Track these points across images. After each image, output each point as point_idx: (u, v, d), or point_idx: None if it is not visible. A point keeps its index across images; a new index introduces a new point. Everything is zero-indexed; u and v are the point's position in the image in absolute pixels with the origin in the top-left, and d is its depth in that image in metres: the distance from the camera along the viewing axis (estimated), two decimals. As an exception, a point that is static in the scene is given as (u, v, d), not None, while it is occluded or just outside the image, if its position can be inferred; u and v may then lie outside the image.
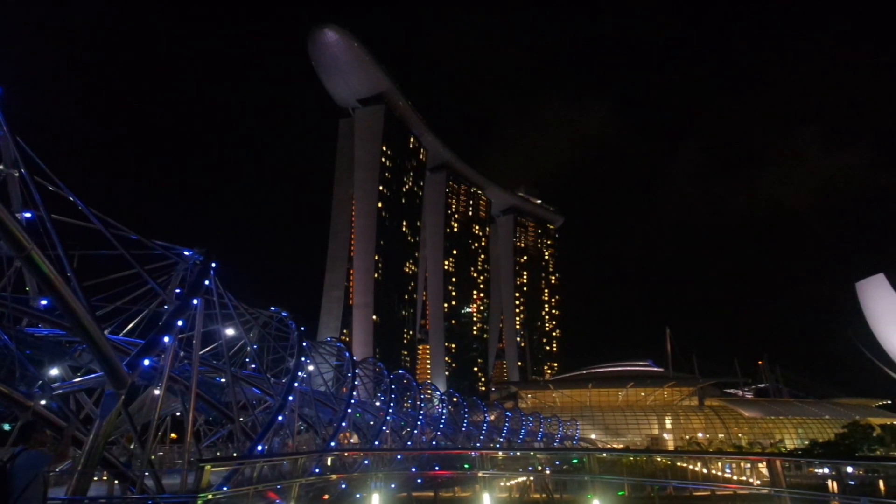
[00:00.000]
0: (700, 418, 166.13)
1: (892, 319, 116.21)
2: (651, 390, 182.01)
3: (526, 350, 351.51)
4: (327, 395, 51.22)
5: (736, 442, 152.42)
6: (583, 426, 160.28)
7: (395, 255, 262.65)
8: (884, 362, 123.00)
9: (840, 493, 51.34)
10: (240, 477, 21.22)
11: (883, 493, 67.59)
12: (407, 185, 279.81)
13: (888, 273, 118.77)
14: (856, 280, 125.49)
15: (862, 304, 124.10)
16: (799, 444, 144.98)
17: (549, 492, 64.27)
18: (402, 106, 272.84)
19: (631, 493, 55.82)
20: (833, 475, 76.41)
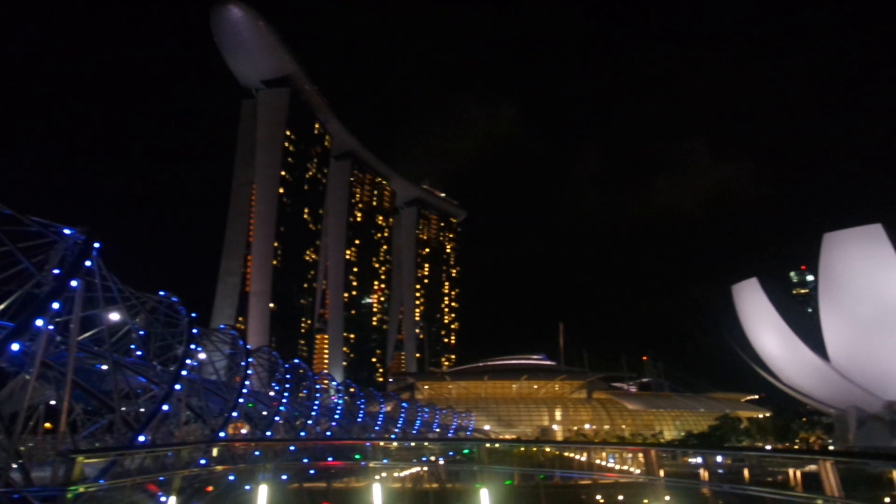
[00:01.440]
0: (588, 410, 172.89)
1: (762, 321, 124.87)
2: (543, 383, 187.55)
3: (424, 342, 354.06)
4: (218, 385, 49.71)
5: (620, 433, 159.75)
6: (477, 417, 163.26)
7: (296, 242, 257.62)
8: (754, 361, 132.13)
9: (708, 480, 54.96)
10: (119, 469, 20.28)
11: (747, 480, 72.86)
12: (310, 172, 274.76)
13: (761, 278, 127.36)
14: (732, 283, 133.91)
15: (736, 306, 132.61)
16: (676, 436, 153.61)
17: (441, 481, 65.03)
18: (309, 90, 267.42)
19: (520, 482, 57.41)
20: (705, 464, 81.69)
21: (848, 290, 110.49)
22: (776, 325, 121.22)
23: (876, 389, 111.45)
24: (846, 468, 40.69)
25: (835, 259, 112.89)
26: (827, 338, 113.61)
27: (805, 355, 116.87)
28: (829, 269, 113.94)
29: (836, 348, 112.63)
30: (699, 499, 20.88)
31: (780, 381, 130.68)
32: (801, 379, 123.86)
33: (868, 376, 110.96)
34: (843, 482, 11.21)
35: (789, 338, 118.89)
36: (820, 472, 11.04)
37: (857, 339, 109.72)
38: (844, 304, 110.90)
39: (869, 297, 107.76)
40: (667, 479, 20.60)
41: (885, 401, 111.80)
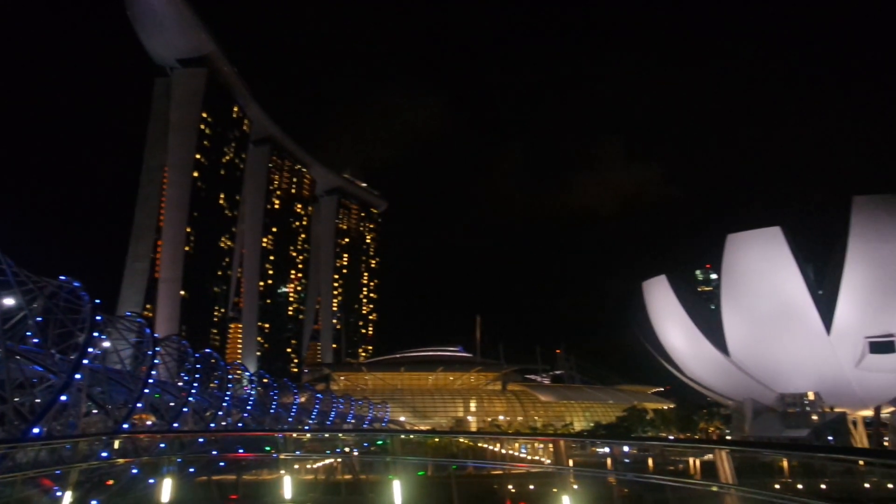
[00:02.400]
0: (502, 402, 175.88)
1: (669, 317, 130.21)
2: (459, 375, 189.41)
3: (342, 332, 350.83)
4: (123, 374, 47.66)
5: (532, 424, 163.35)
6: (393, 408, 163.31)
7: (210, 228, 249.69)
8: (660, 354, 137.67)
9: (613, 469, 56.64)
10: (10, 463, 19.12)
11: (651, 469, 75.97)
12: (227, 156, 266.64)
13: (669, 275, 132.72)
14: (643, 280, 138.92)
15: (646, 301, 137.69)
16: (586, 426, 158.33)
17: (355, 473, 64.74)
18: (227, 72, 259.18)
19: (433, 473, 57.70)
20: (612, 454, 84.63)
21: (748, 289, 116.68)
22: (682, 321, 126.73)
23: (770, 382, 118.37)
24: (741, 457, 42.93)
25: (737, 259, 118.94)
26: (727, 333, 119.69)
27: (707, 350, 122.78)
28: (731, 269, 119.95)
29: (736, 343, 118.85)
30: (605, 487, 21.58)
31: (683, 374, 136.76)
32: (703, 372, 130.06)
33: (763, 370, 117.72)
34: (738, 470, 11.78)
35: (693, 333, 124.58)
36: (716, 460, 11.63)
37: (754, 335, 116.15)
38: (744, 301, 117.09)
39: (767, 295, 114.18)
40: (576, 468, 21.10)
41: (777, 393, 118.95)
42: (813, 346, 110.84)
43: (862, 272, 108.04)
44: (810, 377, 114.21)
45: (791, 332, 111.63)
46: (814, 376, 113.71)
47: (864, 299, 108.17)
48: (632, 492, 51.95)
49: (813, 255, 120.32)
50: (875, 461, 14.59)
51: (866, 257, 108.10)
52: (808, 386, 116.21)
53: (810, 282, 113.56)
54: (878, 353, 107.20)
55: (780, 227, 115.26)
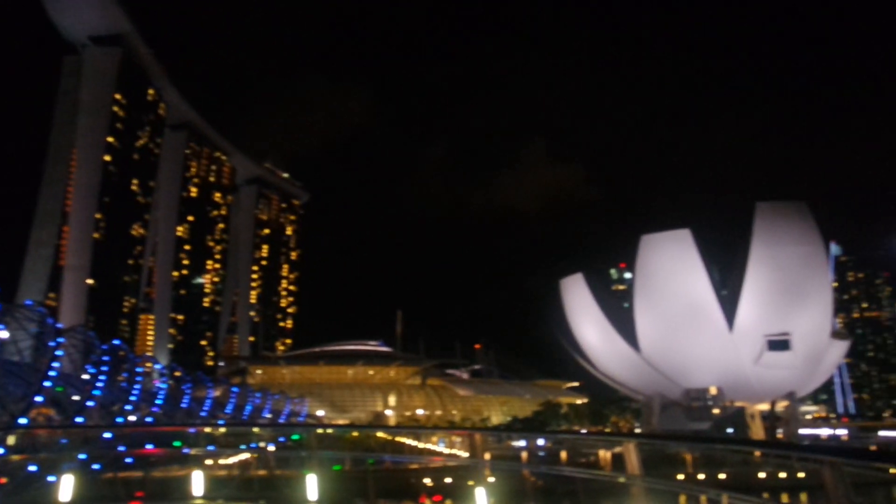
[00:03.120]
0: (421, 396, 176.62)
1: (585, 314, 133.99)
2: (379, 369, 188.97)
3: (259, 325, 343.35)
4: (21, 367, 45.21)
5: (451, 418, 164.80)
6: (311, 403, 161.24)
7: (122, 214, 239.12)
8: (575, 350, 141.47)
9: (528, 462, 57.99)
10: None
11: (563, 461, 78.17)
12: (142, 141, 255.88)
13: (585, 273, 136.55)
14: (560, 278, 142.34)
15: (563, 299, 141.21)
16: (503, 420, 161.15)
17: (270, 468, 63.74)
18: (144, 53, 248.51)
19: (351, 467, 57.47)
20: (527, 447, 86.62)
21: (659, 288, 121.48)
22: (596, 318, 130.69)
23: (677, 378, 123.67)
24: (650, 449, 44.82)
25: (649, 259, 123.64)
26: (639, 331, 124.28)
27: (620, 346, 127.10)
28: (644, 268, 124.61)
29: (646, 340, 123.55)
30: (520, 479, 22.14)
31: (597, 370, 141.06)
32: (615, 368, 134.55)
33: (671, 366, 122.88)
34: (646, 462, 12.31)
35: (607, 330, 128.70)
36: (624, 452, 12.13)
37: (663, 332, 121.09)
38: (655, 300, 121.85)
39: (675, 294, 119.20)
40: (492, 461, 21.44)
41: (683, 388, 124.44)
42: (716, 344, 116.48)
43: (763, 274, 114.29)
44: (713, 373, 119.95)
45: (697, 329, 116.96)
46: (716, 372, 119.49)
47: (763, 300, 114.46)
48: (545, 483, 53.41)
49: (719, 256, 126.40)
50: (769, 452, 15.49)
51: (767, 260, 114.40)
52: (711, 381, 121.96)
53: (716, 282, 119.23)
54: (775, 350, 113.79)
55: (690, 230, 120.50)
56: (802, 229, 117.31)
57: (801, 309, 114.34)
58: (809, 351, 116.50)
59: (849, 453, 7.97)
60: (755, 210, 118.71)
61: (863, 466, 7.95)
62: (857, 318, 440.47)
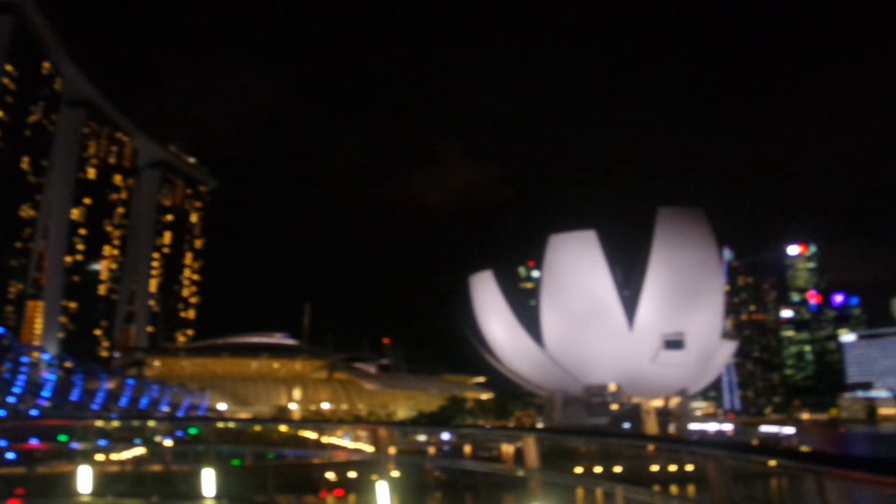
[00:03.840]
0: (328, 390, 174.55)
1: (493, 310, 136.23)
2: (284, 362, 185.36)
3: (159, 315, 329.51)
4: None
5: (357, 413, 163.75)
6: (213, 396, 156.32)
7: (9, 194, 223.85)
8: (482, 346, 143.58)
9: (434, 456, 58.43)
10: None
11: (467, 454, 79.31)
12: (35, 117, 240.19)
13: (495, 271, 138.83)
14: (470, 274, 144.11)
15: (472, 295, 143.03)
16: (409, 415, 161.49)
17: (166, 463, 61.46)
18: (39, 23, 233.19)
19: (252, 462, 56.13)
20: (432, 441, 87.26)
21: (564, 287, 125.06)
22: (504, 315, 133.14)
23: (579, 374, 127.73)
24: (550, 443, 45.85)
25: (556, 258, 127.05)
26: (544, 328, 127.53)
27: (525, 343, 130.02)
28: (552, 267, 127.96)
29: (551, 338, 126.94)
30: (424, 473, 22.31)
31: (502, 366, 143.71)
32: (520, 364, 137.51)
33: (573, 363, 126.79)
34: (546, 456, 12.66)
35: (514, 327, 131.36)
36: (524, 447, 12.45)
37: (567, 330, 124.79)
38: (561, 298, 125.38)
39: (581, 294, 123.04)
40: (396, 456, 21.46)
41: (584, 385, 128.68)
42: (617, 342, 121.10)
43: (662, 276, 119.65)
44: (613, 370, 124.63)
45: (599, 328, 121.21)
46: (616, 369, 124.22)
47: (662, 301, 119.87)
48: (449, 477, 53.96)
49: (622, 258, 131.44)
50: (661, 446, 16.28)
51: (666, 263, 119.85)
52: (610, 378, 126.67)
53: (618, 283, 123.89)
54: (671, 349, 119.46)
55: (595, 231, 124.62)
56: (700, 235, 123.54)
57: (695, 310, 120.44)
58: (702, 350, 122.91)
59: (729, 447, 8.50)
60: (657, 214, 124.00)
61: (742, 459, 8.51)
62: (745, 320, 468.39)
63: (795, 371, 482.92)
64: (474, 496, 17.68)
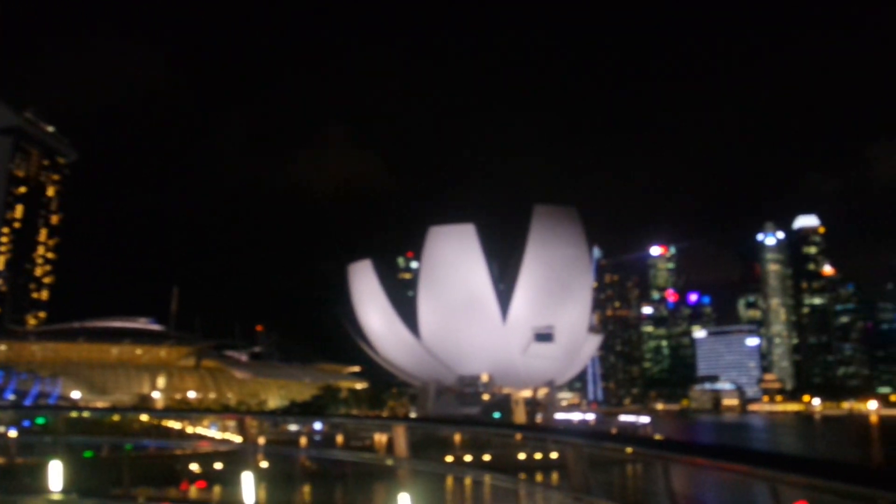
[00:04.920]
0: (195, 378, 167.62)
1: (370, 300, 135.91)
2: (148, 348, 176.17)
3: (7, 295, 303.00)
4: None
5: (226, 402, 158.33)
6: (66, 383, 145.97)
7: None
8: (358, 335, 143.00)
9: (306, 446, 57.66)
10: None
11: (339, 444, 78.86)
12: None
13: (374, 260, 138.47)
14: (349, 263, 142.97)
15: (351, 284, 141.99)
16: (281, 404, 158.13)
17: (10, 456, 56.93)
18: None
19: (108, 453, 52.98)
20: (304, 431, 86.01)
21: (442, 279, 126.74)
22: (381, 305, 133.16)
23: (453, 365, 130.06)
24: (423, 433, 46.16)
25: (435, 250, 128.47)
26: (421, 319, 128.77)
27: (402, 333, 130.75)
28: (430, 259, 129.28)
29: (427, 328, 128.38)
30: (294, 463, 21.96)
31: (378, 355, 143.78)
32: (395, 354, 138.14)
33: (448, 353, 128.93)
34: (418, 445, 12.77)
35: (391, 317, 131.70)
36: (394, 436, 12.51)
37: (443, 321, 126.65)
38: (438, 290, 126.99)
39: (457, 285, 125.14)
40: (266, 446, 20.95)
41: (458, 375, 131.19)
42: (491, 334, 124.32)
43: (535, 271, 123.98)
44: (486, 361, 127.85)
45: (474, 320, 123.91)
46: (489, 360, 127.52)
47: (534, 295, 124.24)
48: (320, 467, 53.37)
49: (499, 252, 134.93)
50: (529, 435, 16.90)
51: (540, 259, 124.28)
52: (483, 369, 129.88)
53: (494, 276, 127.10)
54: (541, 342, 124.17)
55: (474, 225, 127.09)
56: (572, 233, 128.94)
57: (565, 305, 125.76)
58: (570, 343, 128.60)
59: (587, 436, 8.95)
60: (533, 211, 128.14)
61: (598, 447, 9.00)
62: (610, 315, 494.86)
63: (653, 364, 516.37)
64: (344, 486, 17.54)
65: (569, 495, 7.84)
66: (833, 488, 4.78)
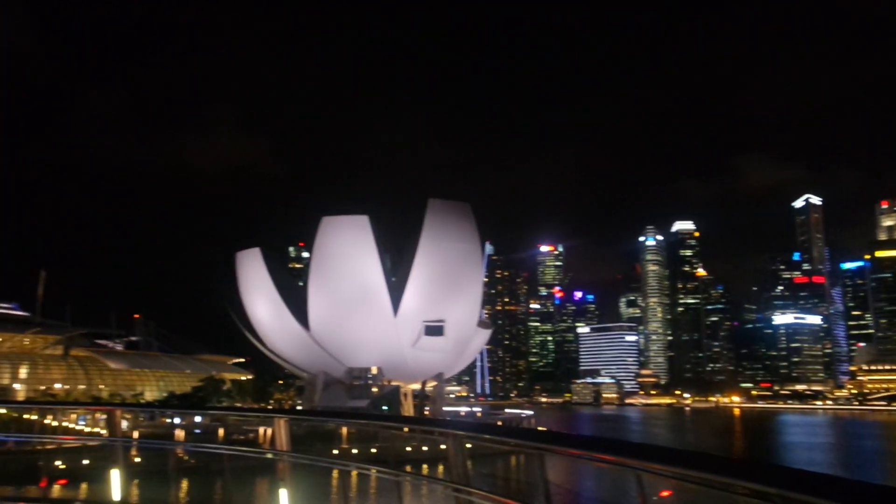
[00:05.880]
0: (62, 368, 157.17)
1: (258, 289, 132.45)
2: (10, 336, 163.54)
3: None
4: None
5: (97, 394, 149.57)
6: None
7: None
8: (245, 326, 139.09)
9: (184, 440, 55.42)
10: None
11: (220, 438, 76.37)
12: None
13: (263, 248, 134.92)
14: (237, 250, 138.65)
15: (238, 272, 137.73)
16: (159, 396, 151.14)
17: None
18: None
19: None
20: (183, 424, 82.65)
21: (334, 270, 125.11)
22: (270, 295, 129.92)
23: (342, 357, 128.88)
24: (309, 425, 45.79)
25: (328, 240, 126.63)
26: (311, 310, 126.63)
27: (290, 324, 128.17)
28: (322, 249, 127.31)
29: (317, 320, 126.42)
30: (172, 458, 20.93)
31: (265, 347, 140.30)
32: (283, 345, 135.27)
33: (338, 346, 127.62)
34: (305, 437, 12.51)
35: (279, 307, 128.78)
36: (275, 429, 12.18)
37: (334, 312, 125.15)
38: (329, 281, 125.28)
39: (349, 277, 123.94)
40: (140, 440, 19.86)
41: (347, 367, 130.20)
42: (381, 327, 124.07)
43: (427, 265, 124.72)
44: (376, 353, 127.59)
45: (365, 312, 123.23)
46: (379, 353, 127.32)
47: (426, 289, 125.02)
48: (198, 462, 51.40)
49: (392, 245, 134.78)
50: (416, 427, 16.99)
51: (433, 253, 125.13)
52: (373, 361, 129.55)
53: (387, 269, 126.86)
54: (431, 335, 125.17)
55: (368, 217, 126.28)
56: (465, 228, 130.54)
57: (456, 299, 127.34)
58: (459, 337, 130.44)
59: (466, 427, 9.04)
60: (427, 205, 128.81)
61: (478, 439, 9.12)
62: (500, 310, 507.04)
63: (538, 358, 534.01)
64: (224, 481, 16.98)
65: (448, 486, 7.88)
66: (693, 477, 5.04)
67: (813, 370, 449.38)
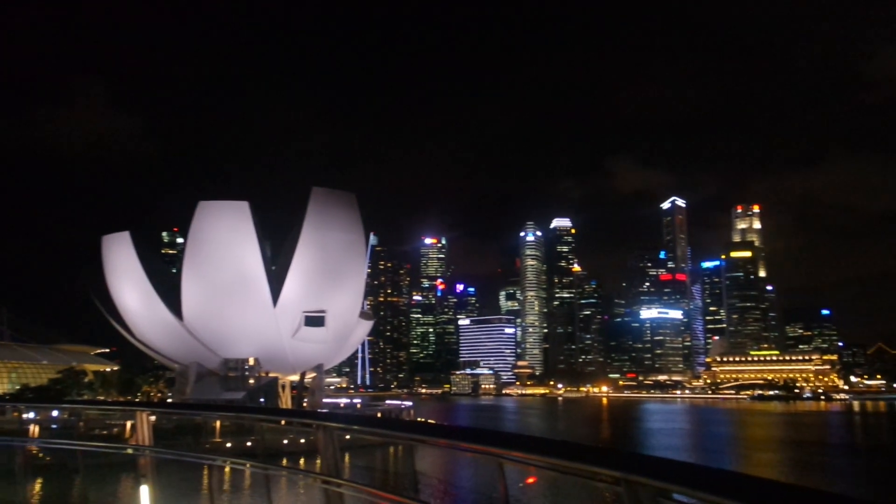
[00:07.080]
0: None
1: (127, 276, 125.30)
2: None
3: None
4: None
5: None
6: None
7: None
8: (111, 314, 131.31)
9: (39, 437, 51.67)
10: None
11: (81, 433, 71.49)
12: None
13: (133, 233, 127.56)
14: (103, 234, 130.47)
15: (104, 257, 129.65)
16: (11, 389, 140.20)
17: None
18: None
19: None
20: (37, 419, 76.78)
21: (210, 257, 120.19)
22: (139, 282, 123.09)
23: (218, 348, 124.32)
24: (179, 418, 43.74)
25: (204, 226, 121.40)
26: (184, 298, 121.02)
27: (161, 313, 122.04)
28: (198, 235, 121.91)
29: (191, 309, 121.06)
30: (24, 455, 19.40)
31: (133, 336, 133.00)
32: (153, 335, 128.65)
33: (213, 336, 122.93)
34: (175, 431, 11.96)
35: (150, 295, 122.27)
36: (137, 423, 11.61)
37: (209, 301, 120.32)
38: (205, 268, 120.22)
39: (226, 265, 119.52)
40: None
41: (222, 358, 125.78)
42: (260, 317, 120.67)
43: (309, 255, 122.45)
44: (254, 344, 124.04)
45: (243, 302, 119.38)
46: (257, 344, 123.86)
47: (307, 278, 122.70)
48: (54, 459, 48.04)
49: (273, 233, 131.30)
50: (293, 420, 16.69)
51: (315, 242, 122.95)
52: (250, 352, 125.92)
53: (267, 257, 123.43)
54: (311, 325, 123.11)
55: (249, 203, 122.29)
56: (349, 218, 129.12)
57: (338, 290, 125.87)
58: (340, 328, 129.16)
59: (335, 419, 9.00)
60: (311, 194, 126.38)
61: (349, 430, 9.10)
62: (382, 301, 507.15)
63: (419, 350, 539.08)
64: (83, 479, 15.84)
65: (318, 479, 7.82)
66: (549, 464, 5.26)
67: (674, 361, 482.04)
